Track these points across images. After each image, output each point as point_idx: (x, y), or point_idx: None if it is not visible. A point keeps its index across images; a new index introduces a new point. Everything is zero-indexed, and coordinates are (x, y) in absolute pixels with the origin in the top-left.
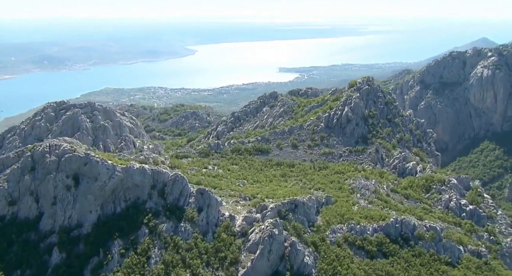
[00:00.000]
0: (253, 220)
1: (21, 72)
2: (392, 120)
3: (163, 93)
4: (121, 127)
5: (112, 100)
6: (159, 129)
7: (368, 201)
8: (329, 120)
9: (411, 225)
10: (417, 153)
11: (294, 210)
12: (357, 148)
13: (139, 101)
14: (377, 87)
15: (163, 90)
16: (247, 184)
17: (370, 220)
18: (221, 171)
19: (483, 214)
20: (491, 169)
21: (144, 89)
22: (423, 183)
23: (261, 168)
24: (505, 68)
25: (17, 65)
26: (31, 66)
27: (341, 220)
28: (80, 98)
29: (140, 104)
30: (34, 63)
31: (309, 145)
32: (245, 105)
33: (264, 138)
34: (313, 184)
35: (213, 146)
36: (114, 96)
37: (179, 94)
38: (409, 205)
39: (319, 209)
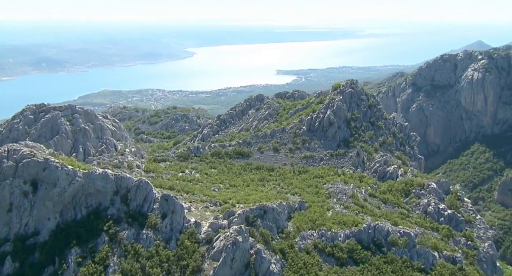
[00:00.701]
0: (219, 226)
1: (19, 74)
2: (375, 123)
3: (161, 95)
4: (102, 130)
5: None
6: (149, 131)
7: (344, 206)
8: (311, 123)
9: (384, 231)
10: (400, 156)
11: (263, 216)
12: (338, 152)
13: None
14: (361, 90)
15: (161, 92)
16: (222, 189)
17: (342, 226)
18: (198, 175)
19: (461, 218)
20: (481, 171)
21: (142, 91)
22: (402, 187)
23: (239, 172)
24: (495, 71)
25: (15, 67)
26: (29, 68)
27: (312, 226)
28: (78, 100)
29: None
30: (33, 65)
31: (291, 149)
32: (231, 107)
33: (245, 142)
34: (291, 189)
35: (193, 149)
36: (112, 98)
37: (177, 96)
38: (386, 210)
39: (291, 215)
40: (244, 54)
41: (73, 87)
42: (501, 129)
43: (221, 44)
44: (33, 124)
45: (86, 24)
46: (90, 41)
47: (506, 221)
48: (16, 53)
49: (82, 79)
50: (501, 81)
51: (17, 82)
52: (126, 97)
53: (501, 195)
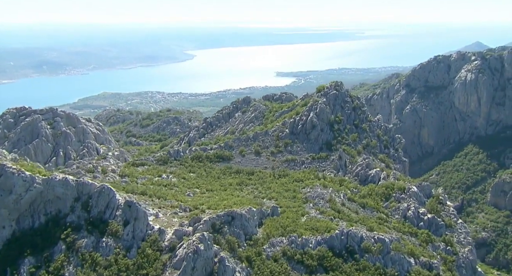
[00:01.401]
0: (183, 233)
1: (20, 77)
2: (359, 126)
3: (160, 98)
4: (84, 134)
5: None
6: (140, 134)
7: (319, 211)
8: (294, 126)
9: (358, 237)
10: (383, 159)
11: (230, 222)
12: (320, 155)
13: (136, 105)
14: (346, 92)
15: (160, 94)
16: (198, 194)
17: (315, 232)
18: (174, 180)
19: (441, 223)
20: (474, 173)
21: (142, 94)
22: (383, 191)
23: (218, 176)
24: (488, 72)
25: (16, 70)
26: (30, 71)
27: (283, 233)
28: (78, 102)
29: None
30: (33, 68)
31: (272, 152)
32: (218, 110)
33: (227, 145)
34: (268, 193)
35: (173, 153)
36: (112, 101)
37: (176, 98)
38: (364, 214)
39: (262, 221)
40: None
41: (73, 90)
42: (494, 130)
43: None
44: (13, 128)
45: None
46: (91, 44)
47: (499, 223)
48: (17, 56)
49: (83, 82)
50: (494, 82)
51: (18, 85)
52: (126, 99)
53: (494, 197)
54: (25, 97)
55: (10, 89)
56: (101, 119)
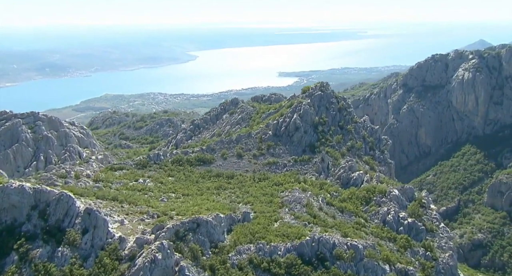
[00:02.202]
0: (144, 241)
1: (23, 80)
2: (344, 127)
3: (162, 99)
4: (67, 138)
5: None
6: (133, 136)
7: (294, 216)
8: (277, 128)
9: (329, 244)
10: (368, 161)
11: (195, 229)
12: (303, 158)
13: (138, 107)
14: (331, 93)
15: (162, 96)
16: (172, 198)
17: (285, 238)
18: (151, 184)
19: (421, 227)
20: (471, 173)
21: (144, 95)
22: (363, 194)
23: (197, 180)
24: (485, 71)
25: (19, 73)
26: (33, 73)
27: (251, 240)
28: (80, 104)
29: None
30: (36, 71)
31: (255, 155)
32: (206, 112)
33: (209, 148)
34: (245, 198)
35: (152, 157)
36: (114, 103)
37: (178, 99)
38: (341, 219)
39: (231, 227)
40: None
41: (76, 92)
42: (492, 129)
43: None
44: None
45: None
46: (93, 46)
47: (495, 224)
48: (21, 59)
49: (85, 84)
50: (492, 80)
51: (21, 88)
52: (128, 101)
53: (490, 198)
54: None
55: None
56: (97, 121)
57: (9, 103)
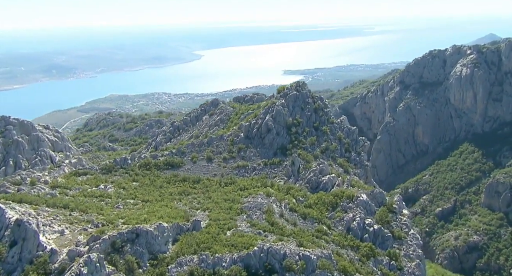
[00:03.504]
0: (77, 254)
1: (30, 82)
2: (320, 128)
3: (166, 99)
4: (39, 142)
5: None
6: (123, 138)
7: (250, 224)
8: (249, 130)
9: (280, 254)
10: (342, 164)
11: (134, 240)
12: (273, 161)
13: (142, 107)
14: (307, 93)
15: (166, 95)
16: (129, 205)
17: (232, 249)
18: (111, 190)
19: (388, 235)
20: (468, 172)
21: (148, 95)
22: (330, 199)
23: (161, 185)
24: (484, 66)
25: (27, 75)
26: (40, 75)
27: (196, 250)
28: (85, 105)
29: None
30: (43, 72)
31: (225, 158)
32: (187, 113)
33: (180, 151)
34: (205, 204)
35: (119, 161)
36: (119, 103)
37: (183, 99)
38: (302, 226)
39: (177, 237)
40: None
41: (82, 93)
42: (491, 127)
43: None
44: None
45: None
46: (99, 47)
47: (491, 226)
48: (28, 61)
49: (91, 85)
50: (491, 76)
51: (29, 90)
52: (133, 101)
53: (487, 198)
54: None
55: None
56: (91, 122)
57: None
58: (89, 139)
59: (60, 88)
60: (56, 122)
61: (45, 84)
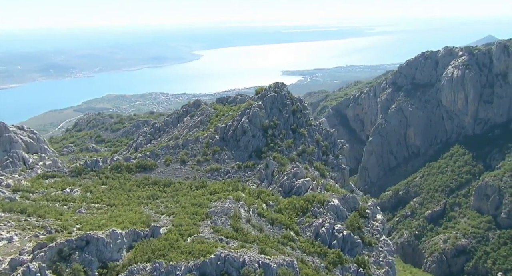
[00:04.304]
0: (19, 263)
1: (27, 81)
2: (297, 131)
3: (164, 99)
4: (11, 143)
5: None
6: (109, 139)
7: (214, 229)
8: (225, 131)
9: (238, 262)
10: (319, 167)
11: (83, 248)
12: (247, 164)
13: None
14: (285, 94)
15: (164, 95)
16: (93, 210)
17: (189, 256)
18: (77, 194)
19: (357, 241)
20: (458, 175)
21: (146, 95)
22: (301, 204)
23: (131, 188)
24: (475, 68)
25: (24, 74)
26: (37, 74)
27: (150, 258)
28: (82, 105)
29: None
30: (40, 72)
31: (199, 161)
32: (168, 114)
33: (153, 153)
34: (172, 208)
35: (90, 163)
36: (115, 103)
37: (180, 99)
38: (269, 232)
39: (132, 244)
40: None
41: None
42: (482, 129)
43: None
44: None
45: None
46: (97, 46)
47: (480, 229)
48: (25, 60)
49: (88, 84)
50: (482, 78)
51: (25, 89)
52: (130, 101)
53: (477, 201)
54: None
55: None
56: (81, 123)
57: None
58: (76, 140)
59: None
60: (52, 121)
61: (42, 84)
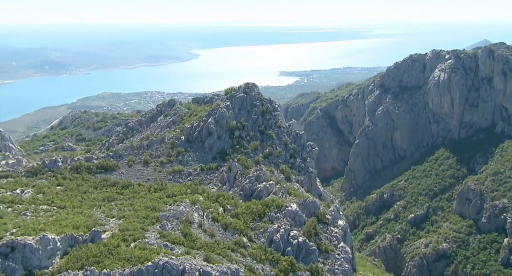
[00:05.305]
0: None
1: (21, 77)
2: (265, 132)
3: (159, 98)
4: None
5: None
6: (90, 138)
7: (161, 235)
8: (190, 132)
9: (178, 270)
10: (284, 170)
11: (8, 254)
12: (210, 166)
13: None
14: (255, 95)
15: (160, 94)
16: (40, 212)
17: (126, 263)
18: (28, 195)
19: (313, 248)
20: (442, 179)
21: (141, 94)
22: (259, 208)
23: (87, 190)
24: (461, 71)
25: (18, 70)
26: (32, 71)
27: (83, 265)
28: (76, 103)
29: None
30: (35, 68)
31: (162, 162)
32: (142, 114)
33: (117, 154)
34: (125, 211)
35: (48, 163)
36: (110, 101)
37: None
38: (220, 238)
39: (68, 249)
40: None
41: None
42: (467, 133)
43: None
44: None
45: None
46: (94, 44)
47: (461, 233)
48: (20, 56)
49: (84, 82)
50: (468, 82)
51: (19, 85)
52: (125, 99)
53: (459, 205)
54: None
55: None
56: (66, 121)
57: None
58: (56, 138)
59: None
60: (45, 118)
61: (37, 80)
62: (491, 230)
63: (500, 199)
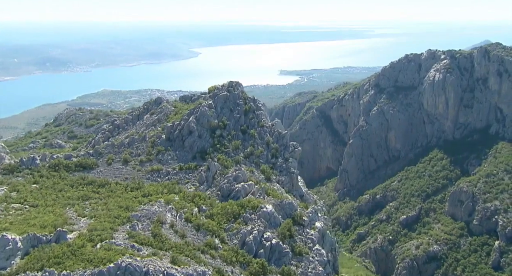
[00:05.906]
0: None
1: (22, 74)
2: (247, 132)
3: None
4: None
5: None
6: (81, 135)
7: (129, 235)
8: (171, 131)
9: (141, 272)
10: (265, 170)
11: None
12: (189, 165)
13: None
14: (239, 94)
15: (160, 92)
16: (11, 211)
17: (88, 264)
18: (1, 193)
19: (286, 250)
20: (436, 180)
21: (141, 91)
22: (234, 209)
23: (62, 188)
24: (456, 72)
25: (19, 67)
26: (33, 68)
27: (43, 265)
28: (76, 100)
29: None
30: (37, 65)
31: (141, 161)
32: (129, 111)
33: (96, 152)
34: (98, 210)
35: (26, 161)
36: (110, 99)
37: (175, 96)
38: (191, 239)
39: (29, 250)
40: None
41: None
42: (462, 134)
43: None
44: None
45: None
46: (96, 41)
47: (452, 235)
48: (22, 53)
49: (84, 79)
50: (463, 82)
51: (20, 82)
52: (125, 97)
53: (451, 207)
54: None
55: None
56: (61, 118)
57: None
58: (49, 135)
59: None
60: (44, 115)
61: (38, 77)
62: (482, 232)
63: (492, 201)
